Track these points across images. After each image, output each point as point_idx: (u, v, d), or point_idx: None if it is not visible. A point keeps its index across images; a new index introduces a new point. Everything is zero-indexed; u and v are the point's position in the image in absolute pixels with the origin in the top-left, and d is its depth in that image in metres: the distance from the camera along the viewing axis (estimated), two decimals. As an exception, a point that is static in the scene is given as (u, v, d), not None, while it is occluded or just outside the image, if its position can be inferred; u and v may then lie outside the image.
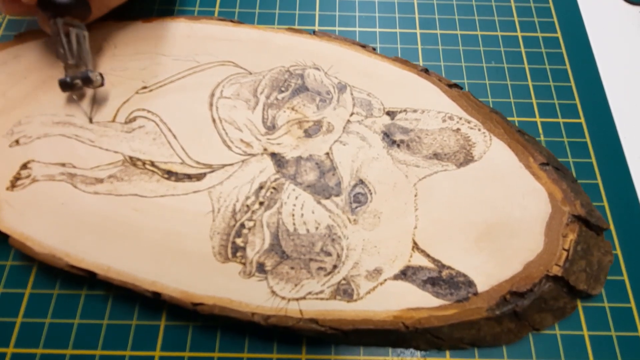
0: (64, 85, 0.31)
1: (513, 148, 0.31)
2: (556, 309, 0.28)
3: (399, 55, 0.38)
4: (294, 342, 0.28)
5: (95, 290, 0.30)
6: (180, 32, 0.36)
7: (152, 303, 0.29)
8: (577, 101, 0.37)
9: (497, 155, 0.31)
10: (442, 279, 0.28)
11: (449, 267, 0.28)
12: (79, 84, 0.31)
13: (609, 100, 0.37)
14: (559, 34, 0.40)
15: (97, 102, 0.32)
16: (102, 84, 0.32)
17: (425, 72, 0.35)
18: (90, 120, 0.32)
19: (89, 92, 0.33)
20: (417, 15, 0.41)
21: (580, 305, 0.30)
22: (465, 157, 0.31)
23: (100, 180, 0.30)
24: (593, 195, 0.33)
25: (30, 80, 0.33)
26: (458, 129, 0.32)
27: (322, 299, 0.27)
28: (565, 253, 0.28)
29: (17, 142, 0.31)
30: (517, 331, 0.28)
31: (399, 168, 0.31)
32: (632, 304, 0.30)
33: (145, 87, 0.33)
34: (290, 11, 0.41)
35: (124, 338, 0.28)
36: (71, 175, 0.30)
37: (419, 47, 0.39)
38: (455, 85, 0.34)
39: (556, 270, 0.27)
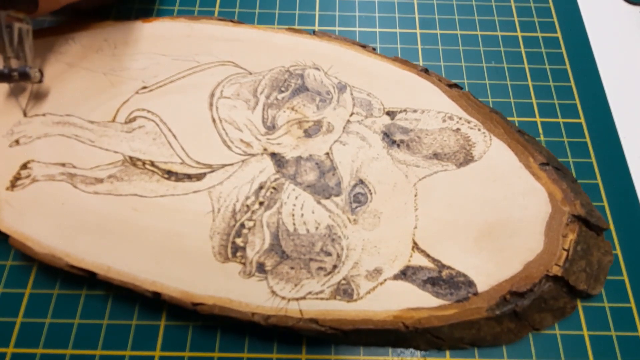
0: (0, 76, 0.31)
1: (513, 148, 0.31)
2: (556, 309, 0.28)
3: (399, 55, 0.38)
4: (294, 342, 0.28)
5: (95, 290, 0.30)
6: (181, 32, 0.36)
7: (152, 303, 0.29)
8: (577, 101, 0.37)
9: (497, 155, 0.31)
10: (442, 279, 0.28)
11: (449, 267, 0.28)
12: (15, 77, 0.31)
13: (608, 100, 0.37)
14: (559, 34, 0.40)
15: (35, 97, 0.32)
16: (40, 81, 0.32)
17: (425, 72, 0.35)
18: (25, 115, 0.32)
19: (33, 86, 0.33)
20: (417, 15, 0.41)
21: (580, 305, 0.30)
22: (465, 157, 0.31)
23: (100, 180, 0.30)
24: (593, 195, 0.33)
25: (30, 79, 0.34)
26: (458, 129, 0.32)
27: (322, 299, 0.27)
28: (565, 253, 0.28)
29: (17, 142, 0.31)
30: (517, 331, 0.28)
31: (399, 168, 0.31)
32: (632, 304, 0.30)
33: (145, 87, 0.33)
34: (290, 11, 0.41)
35: (124, 338, 0.28)
36: (71, 175, 0.30)
37: (419, 47, 0.39)
38: (455, 85, 0.34)
39: (556, 270, 0.27)
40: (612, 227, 0.32)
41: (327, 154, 0.31)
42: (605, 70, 0.39)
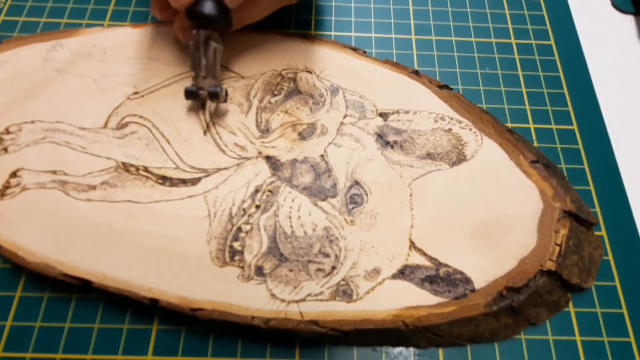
0: (190, 94, 0.34)
1: (504, 147, 0.35)
2: (551, 303, 0.31)
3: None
4: (287, 346, 0.31)
5: (87, 294, 0.31)
6: (172, 37, 0.39)
7: (144, 307, 0.31)
8: (570, 108, 0.40)
9: (488, 154, 0.35)
10: (440, 277, 0.31)
11: (445, 265, 0.31)
12: (203, 95, 0.34)
13: (601, 108, 0.41)
14: (552, 42, 0.44)
15: (216, 115, 0.36)
16: (225, 100, 0.35)
17: (415, 74, 0.38)
18: (205, 133, 0.35)
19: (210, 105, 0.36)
20: (412, 22, 0.45)
21: (572, 310, 0.32)
22: (457, 157, 0.35)
23: (93, 187, 0.32)
24: (586, 201, 0.36)
25: (17, 87, 0.36)
26: (450, 129, 0.36)
27: (321, 300, 0.30)
28: (557, 248, 0.31)
29: (5, 150, 0.33)
30: (514, 326, 0.31)
31: (394, 168, 0.34)
32: (624, 310, 0.33)
33: (136, 93, 0.36)
34: (286, 16, 0.44)
35: (115, 342, 0.30)
36: (63, 182, 0.32)
37: (414, 52, 0.43)
38: (446, 87, 0.38)
39: (550, 265, 0.31)
40: (604, 232, 0.35)
41: (322, 156, 0.34)
42: (597, 78, 0.42)
